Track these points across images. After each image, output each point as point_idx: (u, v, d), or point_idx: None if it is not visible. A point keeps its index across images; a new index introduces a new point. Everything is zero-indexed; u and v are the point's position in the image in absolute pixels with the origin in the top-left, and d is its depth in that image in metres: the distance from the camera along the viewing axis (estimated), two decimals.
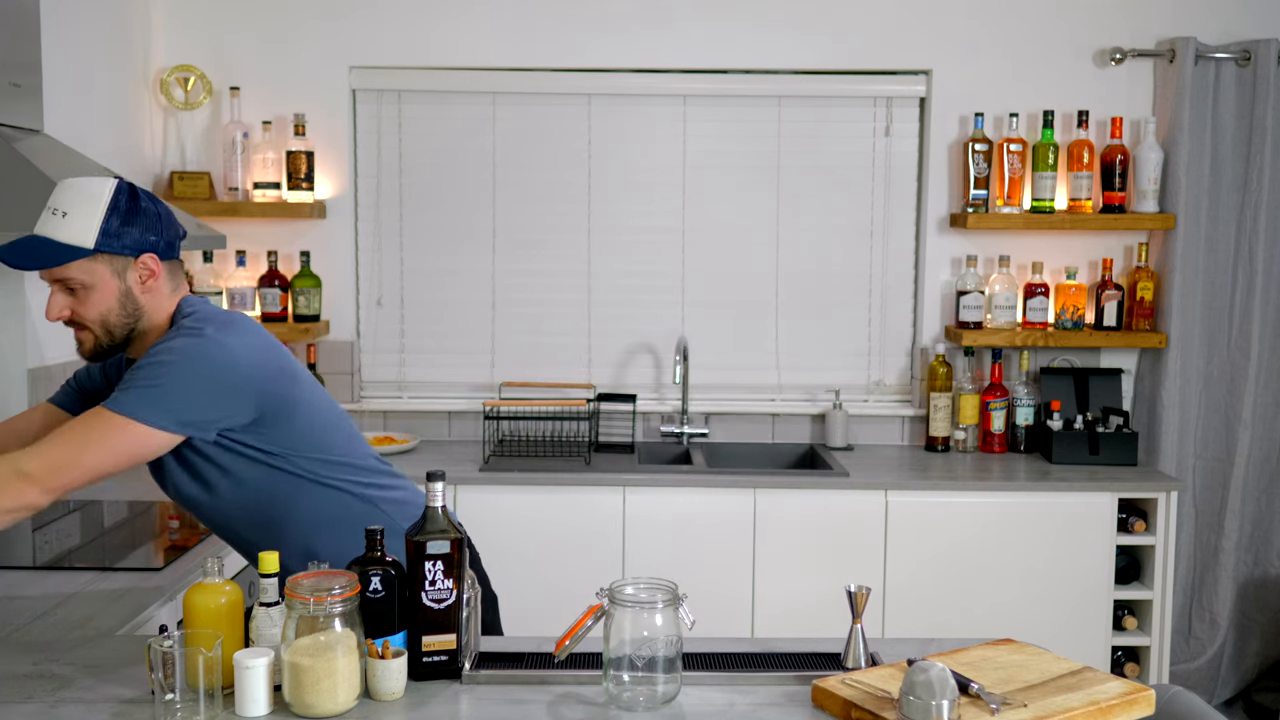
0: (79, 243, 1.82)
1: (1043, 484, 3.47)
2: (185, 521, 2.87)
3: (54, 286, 1.87)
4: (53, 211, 1.83)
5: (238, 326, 1.91)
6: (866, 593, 1.80)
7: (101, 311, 1.86)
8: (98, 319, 1.87)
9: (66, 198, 1.84)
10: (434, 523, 1.70)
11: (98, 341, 1.89)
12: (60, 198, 1.84)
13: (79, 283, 1.85)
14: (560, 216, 3.95)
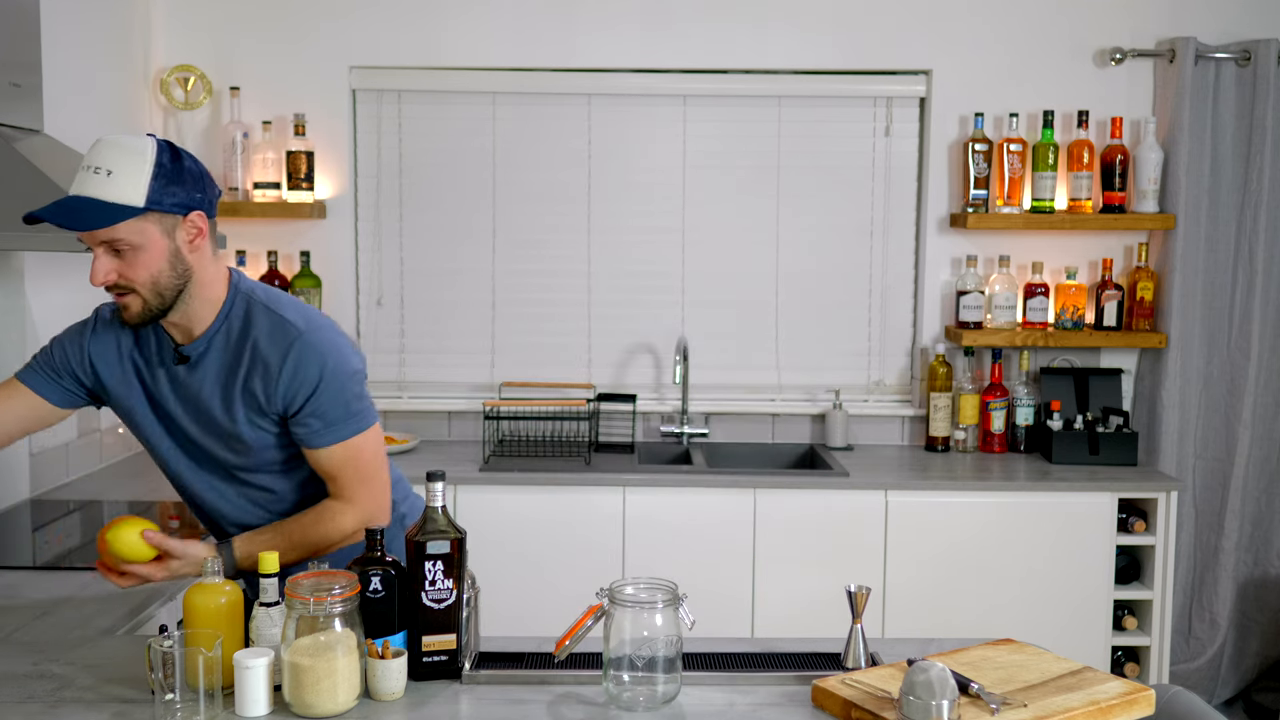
0: (128, 202, 1.76)
1: (1043, 484, 3.47)
2: (185, 521, 2.87)
3: (99, 249, 1.78)
4: (94, 170, 1.76)
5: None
6: (866, 593, 1.80)
7: (152, 273, 1.80)
8: (149, 281, 1.81)
9: (110, 156, 1.77)
10: (434, 523, 1.70)
11: (146, 305, 1.82)
12: (102, 156, 1.77)
13: (128, 243, 1.78)
14: (560, 216, 3.94)
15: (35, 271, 3.03)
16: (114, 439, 3.48)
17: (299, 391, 1.87)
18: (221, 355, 1.91)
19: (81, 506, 2.97)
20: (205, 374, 1.91)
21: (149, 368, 1.95)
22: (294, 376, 1.87)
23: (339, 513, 1.93)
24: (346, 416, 1.90)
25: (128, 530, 1.83)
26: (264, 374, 1.88)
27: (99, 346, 1.97)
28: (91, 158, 1.78)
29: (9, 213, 2.30)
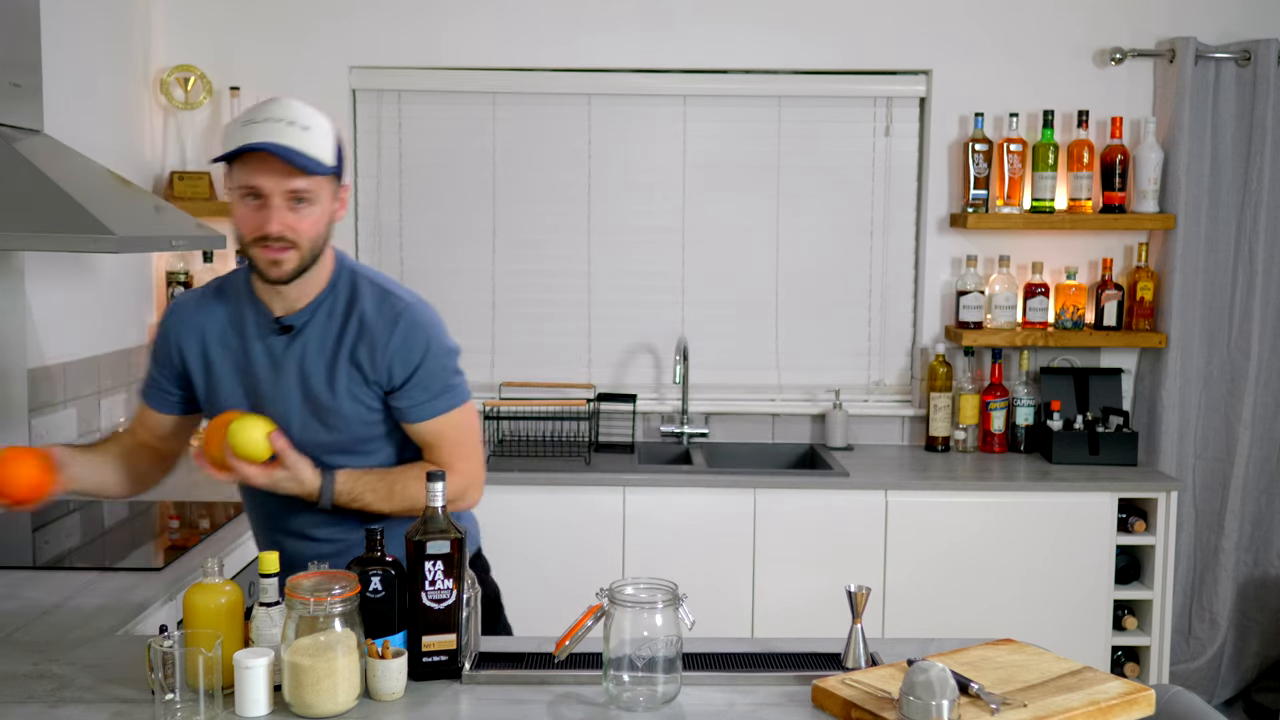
0: (322, 159, 1.82)
1: (1043, 484, 3.47)
2: (185, 521, 2.87)
3: (277, 199, 1.80)
4: (289, 123, 1.79)
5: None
6: (866, 593, 1.80)
7: (317, 231, 1.86)
8: (312, 238, 1.85)
9: (303, 113, 1.82)
10: (434, 523, 1.70)
11: (301, 261, 1.86)
12: (294, 112, 1.81)
13: (308, 197, 1.83)
14: (560, 216, 3.94)
15: (35, 271, 3.03)
16: None
17: (406, 362, 1.93)
18: (325, 325, 1.94)
19: (81, 506, 2.97)
20: (307, 344, 1.93)
21: (244, 343, 1.96)
22: (402, 346, 1.92)
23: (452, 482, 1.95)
24: (446, 389, 1.97)
25: (253, 426, 1.83)
26: (371, 344, 1.92)
27: (185, 334, 1.99)
28: (280, 111, 1.81)
29: (9, 213, 2.30)
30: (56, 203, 2.32)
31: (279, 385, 1.94)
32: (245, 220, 1.83)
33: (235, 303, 1.98)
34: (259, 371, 1.94)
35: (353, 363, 1.92)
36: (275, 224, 1.80)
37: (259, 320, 1.95)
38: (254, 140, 1.77)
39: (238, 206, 1.84)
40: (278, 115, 1.80)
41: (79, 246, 2.33)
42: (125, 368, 3.56)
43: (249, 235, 1.83)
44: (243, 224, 1.84)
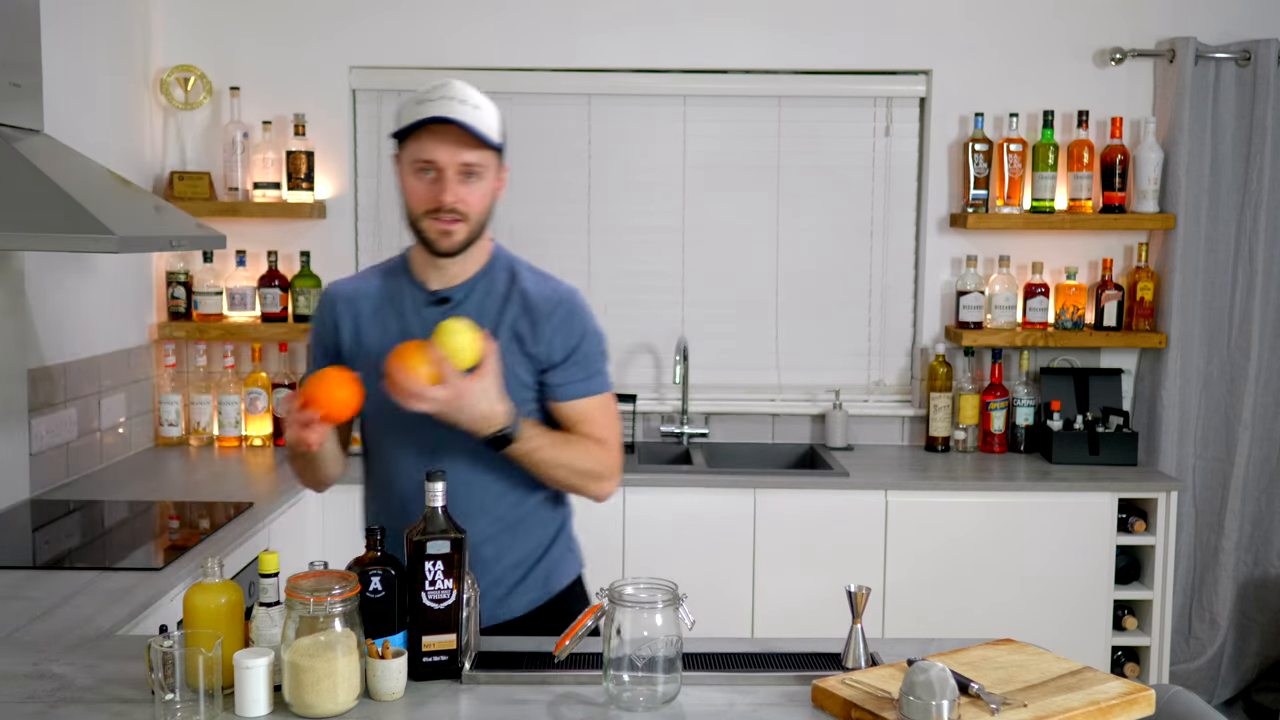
0: (493, 136, 1.90)
1: (1043, 484, 3.47)
2: (185, 521, 2.87)
3: (450, 172, 1.88)
4: (461, 101, 1.87)
5: None
6: (866, 593, 1.80)
7: (484, 205, 1.94)
8: (480, 211, 1.93)
9: (473, 94, 1.90)
10: (434, 523, 1.70)
11: (469, 233, 1.93)
12: (465, 92, 1.89)
13: (478, 172, 1.90)
14: (560, 216, 3.94)
15: (35, 271, 3.03)
16: (114, 439, 3.48)
17: (566, 340, 1.99)
18: (483, 301, 1.99)
19: (81, 506, 2.97)
20: (482, 312, 1.97)
21: (399, 318, 1.99)
22: (564, 324, 1.99)
23: (596, 446, 2.01)
24: (598, 373, 2.03)
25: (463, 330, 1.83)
26: (533, 320, 1.98)
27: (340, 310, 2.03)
28: (453, 91, 1.88)
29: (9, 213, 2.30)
30: (56, 203, 2.32)
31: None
32: (418, 193, 1.91)
33: (390, 280, 2.04)
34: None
35: (514, 336, 1.97)
36: (449, 195, 1.88)
37: (414, 295, 2.00)
38: (433, 113, 1.85)
39: (410, 181, 1.92)
40: (451, 94, 1.88)
41: (79, 246, 2.33)
42: (125, 368, 3.56)
43: (421, 208, 1.91)
44: (415, 197, 1.92)
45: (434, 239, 1.92)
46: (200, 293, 3.76)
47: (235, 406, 3.78)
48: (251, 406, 3.76)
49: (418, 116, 1.87)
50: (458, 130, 1.86)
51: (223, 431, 3.79)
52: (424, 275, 2.01)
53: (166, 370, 3.76)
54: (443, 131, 1.86)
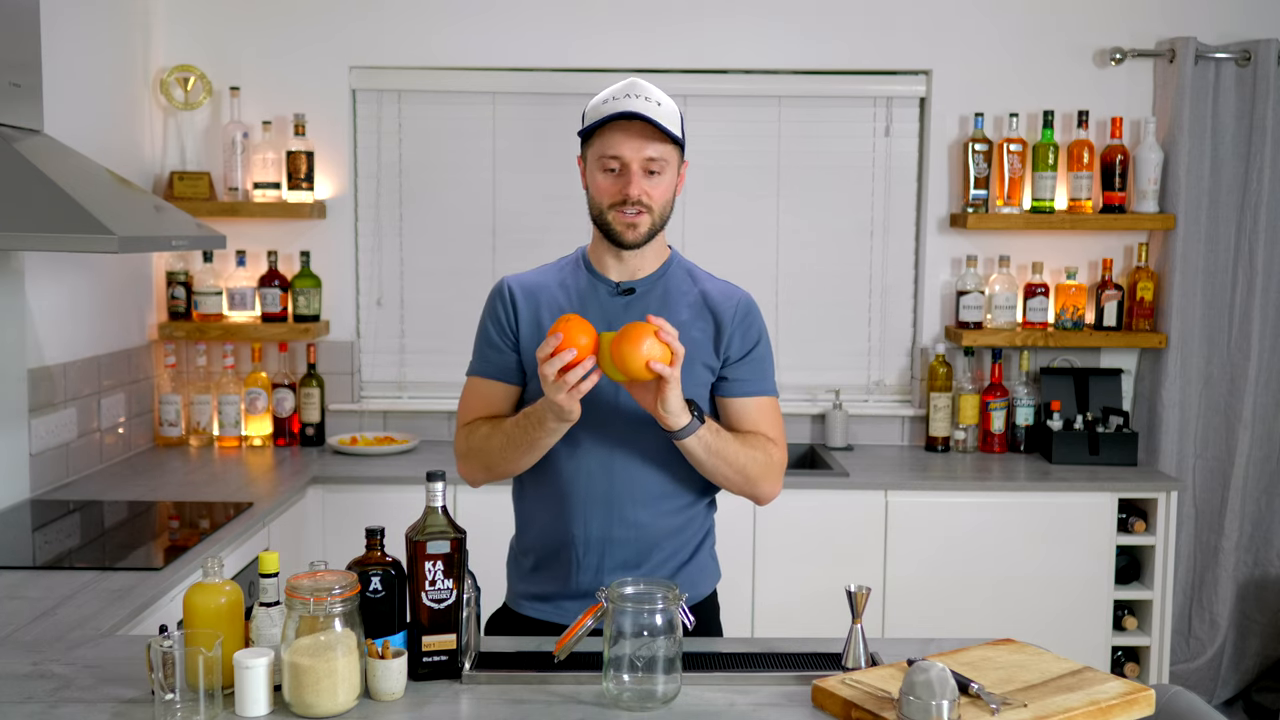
0: (676, 132, 1.96)
1: (1043, 484, 3.47)
2: (185, 521, 2.87)
3: (635, 167, 1.94)
4: (644, 99, 1.93)
5: None
6: (866, 593, 1.80)
7: (667, 198, 1.99)
8: (663, 204, 1.99)
9: (655, 92, 1.96)
10: (434, 523, 1.70)
11: (652, 226, 1.98)
12: (647, 90, 1.95)
13: (661, 167, 1.96)
14: (560, 216, 3.94)
15: (35, 271, 3.03)
16: (114, 439, 3.48)
17: (745, 339, 2.03)
18: (664, 296, 2.03)
19: (81, 506, 2.97)
20: (664, 307, 2.00)
21: (585, 310, 2.01)
22: (743, 323, 2.03)
23: (769, 445, 2.02)
24: (770, 374, 2.07)
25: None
26: (716, 317, 2.02)
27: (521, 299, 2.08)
28: (635, 89, 1.95)
29: (9, 213, 2.31)
30: (56, 203, 2.32)
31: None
32: (604, 188, 1.98)
33: (568, 273, 2.10)
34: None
35: (696, 330, 2.00)
36: (635, 188, 1.94)
37: (598, 286, 2.05)
38: (620, 109, 1.92)
39: (596, 177, 1.99)
40: (637, 93, 1.94)
41: (79, 246, 2.34)
42: (125, 368, 3.56)
43: (607, 201, 1.98)
44: (601, 191, 1.99)
45: (620, 231, 1.97)
46: (200, 293, 3.76)
47: (235, 406, 3.78)
48: (251, 406, 3.76)
49: (604, 114, 1.94)
50: (642, 125, 1.92)
51: (223, 431, 3.79)
52: (605, 268, 2.05)
53: (166, 370, 3.76)
54: (628, 127, 1.93)
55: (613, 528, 1.99)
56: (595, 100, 2.00)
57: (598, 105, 1.98)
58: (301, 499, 3.30)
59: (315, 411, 3.81)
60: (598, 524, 1.99)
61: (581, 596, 2.00)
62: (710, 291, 2.05)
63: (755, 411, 2.04)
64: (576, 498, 2.00)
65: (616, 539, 2.00)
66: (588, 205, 2.04)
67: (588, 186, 2.03)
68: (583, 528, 1.99)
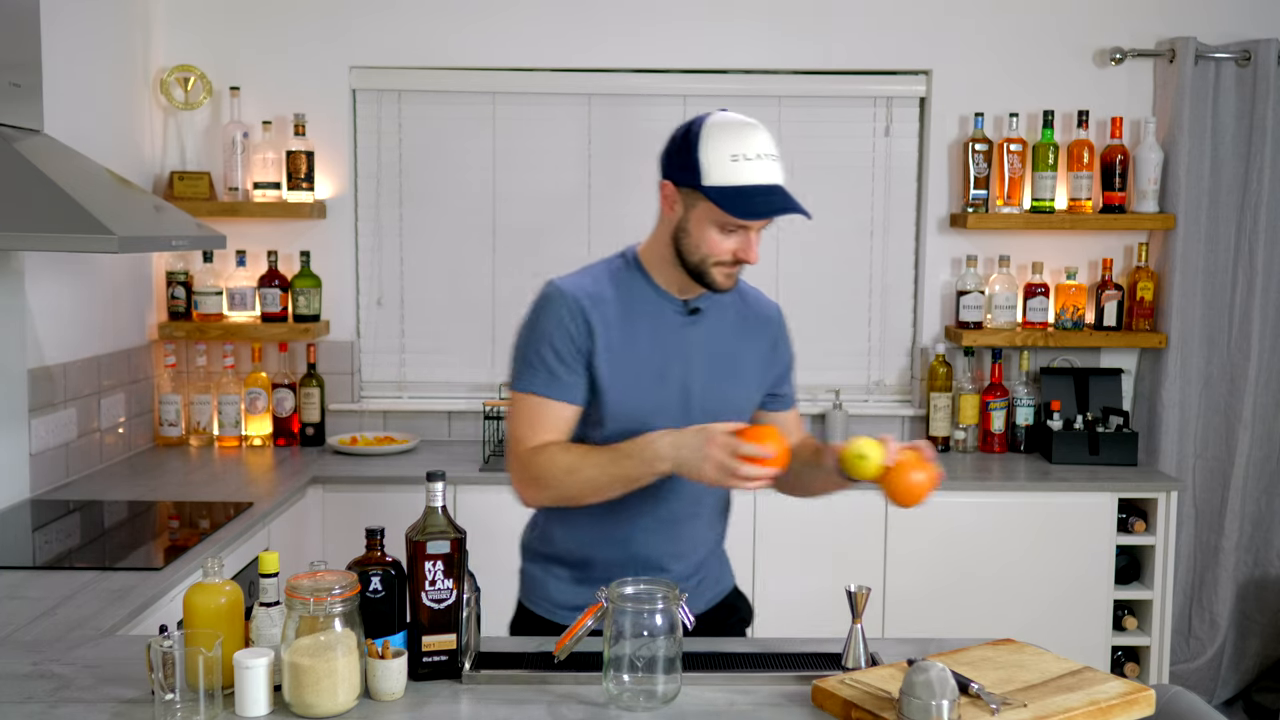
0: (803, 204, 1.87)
1: (1043, 484, 3.47)
2: (185, 521, 2.87)
3: (757, 229, 1.89)
4: (774, 158, 1.86)
5: None
6: (866, 593, 1.80)
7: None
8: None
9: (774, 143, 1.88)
10: (434, 523, 1.70)
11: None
12: (773, 144, 1.87)
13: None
14: (560, 216, 3.94)
15: (35, 271, 3.03)
16: (114, 439, 3.48)
17: (789, 352, 2.10)
18: (720, 313, 2.02)
19: (81, 506, 2.97)
20: (711, 328, 2.00)
21: (648, 325, 1.96)
22: (787, 337, 2.11)
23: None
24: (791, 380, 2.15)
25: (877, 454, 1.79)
26: (771, 333, 2.07)
27: (592, 312, 1.93)
28: (767, 144, 1.86)
29: (9, 213, 2.30)
30: (56, 203, 2.32)
31: (683, 365, 1.96)
32: (718, 246, 1.87)
33: (624, 285, 1.97)
34: (665, 352, 1.95)
35: (756, 347, 2.04)
36: (754, 254, 1.89)
37: (661, 304, 1.97)
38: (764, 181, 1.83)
39: (709, 230, 1.86)
40: (767, 149, 1.85)
41: (79, 246, 2.34)
42: (125, 368, 3.56)
43: (718, 257, 1.88)
44: (714, 247, 1.88)
45: (719, 283, 1.92)
46: (200, 293, 3.76)
47: (235, 406, 3.78)
48: (251, 406, 3.76)
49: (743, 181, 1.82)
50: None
51: (223, 431, 3.79)
52: (668, 284, 1.97)
53: (166, 370, 3.76)
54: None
55: (670, 543, 2.01)
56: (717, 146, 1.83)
57: (724, 159, 1.83)
58: (301, 499, 3.29)
59: (315, 411, 3.81)
60: (657, 542, 2.00)
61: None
62: (760, 306, 2.08)
63: (794, 423, 2.12)
64: (637, 515, 1.97)
65: (671, 553, 2.02)
66: (679, 242, 1.91)
67: (689, 228, 1.89)
68: (642, 546, 1.99)
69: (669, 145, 1.92)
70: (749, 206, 1.83)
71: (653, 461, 1.82)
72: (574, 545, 2.06)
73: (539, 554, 2.12)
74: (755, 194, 1.83)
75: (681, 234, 1.90)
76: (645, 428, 1.88)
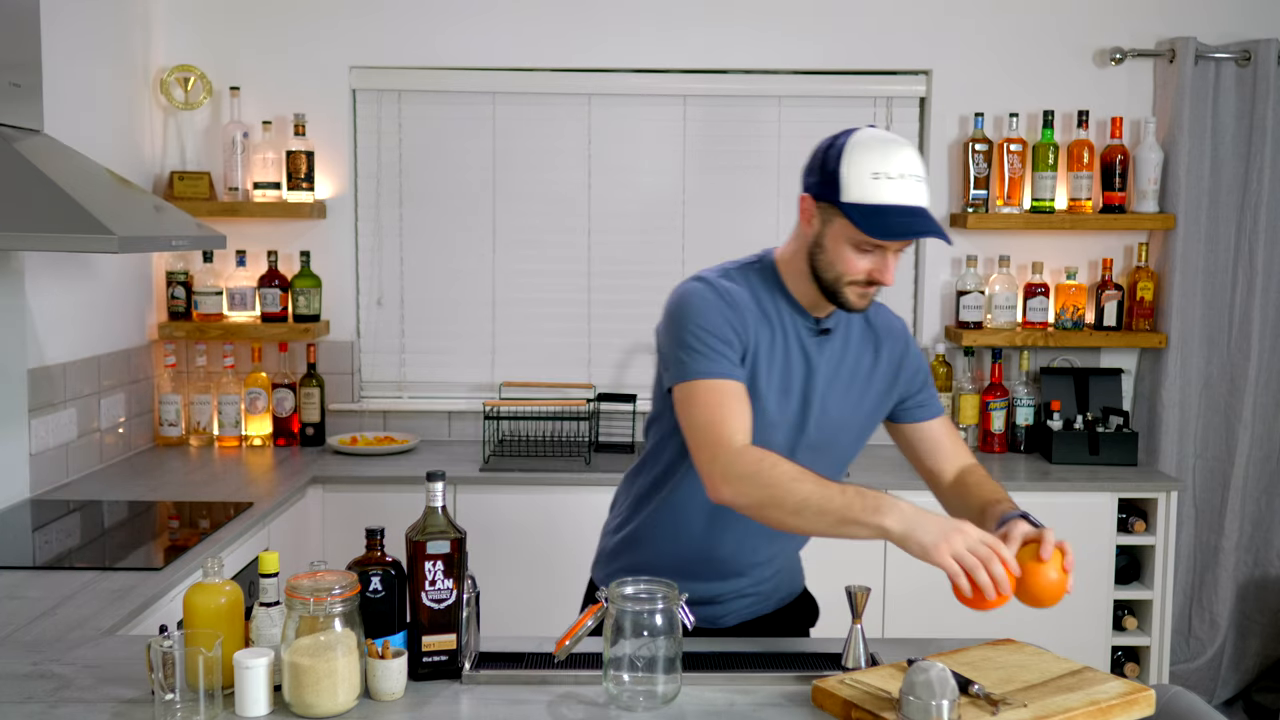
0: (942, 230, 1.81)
1: (1043, 484, 3.47)
2: (185, 521, 2.87)
3: (894, 250, 1.81)
4: (919, 179, 1.78)
5: None
6: (866, 593, 1.80)
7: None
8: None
9: (921, 163, 1.81)
10: (434, 523, 1.70)
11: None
12: (920, 163, 1.80)
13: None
14: (560, 216, 3.94)
15: (35, 271, 3.03)
16: (114, 439, 3.48)
17: (921, 365, 2.05)
18: (846, 331, 1.97)
19: (81, 506, 2.97)
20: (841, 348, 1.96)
21: (784, 338, 1.92)
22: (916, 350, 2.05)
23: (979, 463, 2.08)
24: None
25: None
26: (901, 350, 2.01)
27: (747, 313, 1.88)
28: (914, 164, 1.78)
29: (9, 213, 2.30)
30: (56, 203, 2.32)
31: (806, 380, 1.93)
32: (854, 265, 1.81)
33: (764, 296, 1.92)
34: (791, 365, 1.92)
35: (887, 365, 1.99)
36: (890, 276, 1.83)
37: (796, 319, 1.92)
38: (905, 202, 1.76)
39: (845, 249, 1.81)
40: (913, 169, 1.78)
41: (79, 246, 2.34)
42: (125, 368, 3.56)
43: (852, 276, 1.83)
44: (849, 266, 1.82)
45: (852, 302, 1.86)
46: (200, 293, 3.76)
47: (235, 406, 3.78)
48: (251, 406, 3.76)
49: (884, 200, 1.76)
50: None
51: (223, 431, 3.79)
52: (801, 298, 1.92)
53: (166, 370, 3.76)
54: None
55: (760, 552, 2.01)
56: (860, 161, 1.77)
57: (865, 175, 1.76)
58: (301, 499, 3.29)
59: (315, 411, 3.81)
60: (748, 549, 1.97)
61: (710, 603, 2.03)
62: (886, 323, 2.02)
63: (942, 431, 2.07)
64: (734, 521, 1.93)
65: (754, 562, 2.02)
66: (814, 258, 1.85)
67: (825, 244, 1.83)
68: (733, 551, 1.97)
69: (811, 158, 1.85)
70: (886, 226, 1.76)
71: (881, 511, 1.68)
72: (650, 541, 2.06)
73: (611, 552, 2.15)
74: (894, 214, 1.76)
75: (817, 250, 1.84)
76: (761, 438, 1.83)
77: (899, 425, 2.08)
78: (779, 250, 1.95)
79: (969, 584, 1.63)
